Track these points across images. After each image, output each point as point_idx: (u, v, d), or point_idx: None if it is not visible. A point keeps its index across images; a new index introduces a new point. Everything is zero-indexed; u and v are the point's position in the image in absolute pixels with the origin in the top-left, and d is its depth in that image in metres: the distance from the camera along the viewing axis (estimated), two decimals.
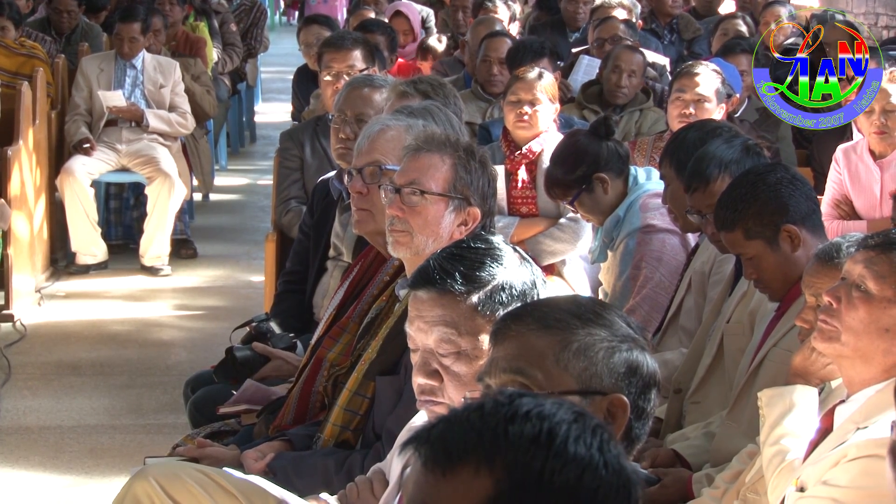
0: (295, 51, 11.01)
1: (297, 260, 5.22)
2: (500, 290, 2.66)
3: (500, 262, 2.69)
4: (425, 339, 2.68)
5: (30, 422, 6.25)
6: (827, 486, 2.93)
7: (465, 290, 2.65)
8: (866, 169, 6.14)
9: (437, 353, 2.67)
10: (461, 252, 2.71)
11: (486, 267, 2.67)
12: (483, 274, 2.67)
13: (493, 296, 2.66)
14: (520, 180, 5.94)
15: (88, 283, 8.60)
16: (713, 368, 4.19)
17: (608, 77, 7.27)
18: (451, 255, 2.70)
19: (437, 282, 2.66)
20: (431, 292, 2.67)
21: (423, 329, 2.68)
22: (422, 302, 2.68)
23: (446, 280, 2.65)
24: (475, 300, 2.65)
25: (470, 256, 2.69)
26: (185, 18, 11.06)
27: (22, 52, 8.76)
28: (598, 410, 2.12)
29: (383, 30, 7.99)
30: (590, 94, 7.40)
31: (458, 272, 2.66)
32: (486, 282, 2.66)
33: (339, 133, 4.97)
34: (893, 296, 2.97)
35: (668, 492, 3.79)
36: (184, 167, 9.12)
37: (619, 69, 7.22)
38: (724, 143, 4.40)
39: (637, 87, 7.29)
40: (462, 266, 2.67)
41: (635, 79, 7.26)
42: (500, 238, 2.79)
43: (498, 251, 2.71)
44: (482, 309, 2.65)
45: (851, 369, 3.06)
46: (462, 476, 1.59)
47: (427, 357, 2.68)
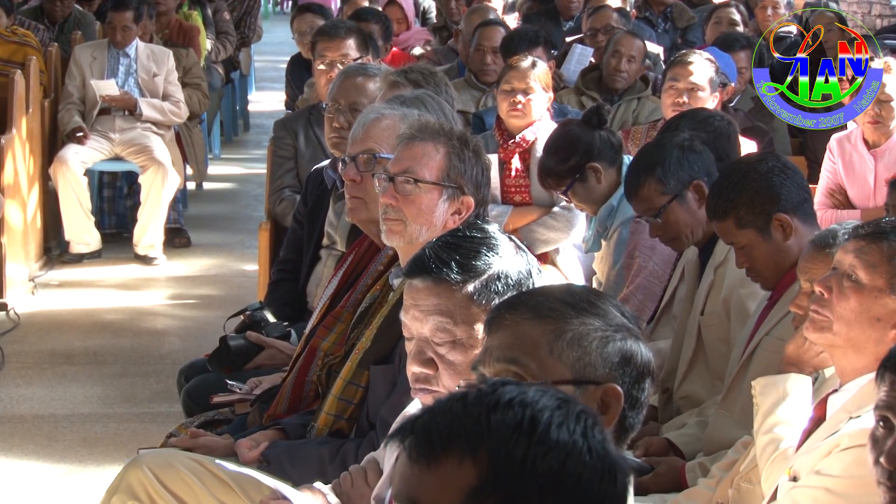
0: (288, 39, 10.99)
1: (290, 249, 5.21)
2: (495, 279, 2.66)
3: (495, 252, 2.69)
4: (420, 327, 2.68)
5: (23, 411, 6.25)
6: (819, 475, 2.93)
7: (461, 279, 2.65)
8: (860, 158, 6.15)
9: (432, 341, 2.67)
10: (457, 241, 2.71)
11: (481, 256, 2.67)
12: (479, 263, 2.67)
13: (488, 285, 2.66)
14: (513, 169, 5.94)
15: (82, 272, 8.59)
16: (694, 361, 4.22)
17: (608, 61, 7.28)
18: (447, 244, 2.70)
19: (432, 270, 2.66)
20: (427, 281, 2.67)
21: (418, 318, 2.68)
22: (417, 290, 2.68)
23: (442, 269, 2.65)
24: (471, 289, 2.65)
25: (466, 245, 2.69)
26: (179, 7, 11.04)
27: (14, 40, 8.74)
28: (592, 400, 2.12)
29: (378, 18, 7.98)
30: (589, 79, 7.39)
31: (453, 261, 2.66)
32: (482, 271, 2.66)
33: (333, 122, 4.97)
34: (884, 285, 2.97)
35: (662, 480, 3.80)
36: (177, 156, 9.11)
37: (618, 53, 7.24)
38: (653, 148, 4.46)
39: (636, 72, 7.30)
40: (458, 255, 2.67)
41: (635, 64, 7.27)
42: (495, 227, 2.79)
43: (494, 240, 2.71)
44: (478, 298, 2.65)
45: (843, 359, 3.06)
46: (446, 466, 1.59)
47: (422, 345, 2.68)
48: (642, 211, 4.40)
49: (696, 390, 4.20)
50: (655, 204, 4.33)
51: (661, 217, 4.32)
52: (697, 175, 4.35)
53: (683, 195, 4.32)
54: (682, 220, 4.32)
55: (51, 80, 8.99)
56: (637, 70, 7.31)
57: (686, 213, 4.32)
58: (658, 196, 4.33)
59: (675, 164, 4.36)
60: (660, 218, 4.32)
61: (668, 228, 4.34)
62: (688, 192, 4.32)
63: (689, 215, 4.32)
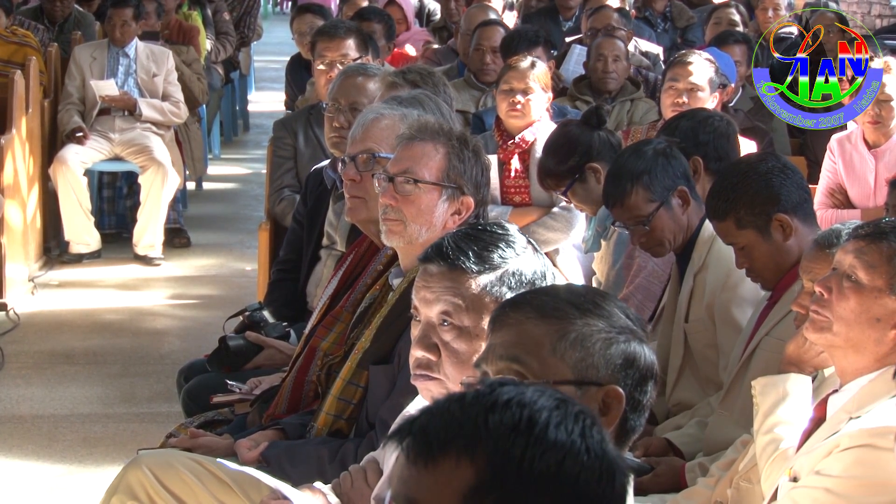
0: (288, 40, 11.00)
1: (290, 249, 5.21)
2: (510, 275, 2.67)
3: (513, 248, 2.70)
4: (429, 310, 2.68)
5: (23, 411, 6.24)
6: (820, 475, 2.93)
7: (476, 270, 2.66)
8: (860, 158, 6.15)
9: (438, 326, 2.67)
10: (477, 233, 2.72)
11: (499, 250, 2.69)
12: (495, 256, 2.68)
13: (502, 279, 2.67)
14: (513, 169, 5.94)
15: (82, 272, 8.59)
16: (683, 369, 4.23)
17: (594, 67, 7.33)
18: (467, 235, 2.72)
19: (449, 257, 2.67)
20: (442, 267, 2.68)
21: (428, 299, 2.68)
22: (431, 275, 2.69)
23: (459, 256, 2.66)
24: (484, 281, 2.66)
25: (485, 238, 2.70)
26: (179, 7, 11.05)
27: (14, 41, 8.74)
28: (594, 401, 2.11)
29: (380, 18, 7.97)
30: (582, 85, 7.43)
31: (471, 251, 2.67)
32: (498, 264, 2.67)
33: (333, 122, 4.97)
34: (884, 285, 2.97)
35: (661, 480, 3.80)
36: (177, 156, 9.11)
37: (603, 57, 7.28)
38: (633, 156, 4.42)
39: (625, 70, 7.32)
40: (476, 246, 2.68)
41: (621, 62, 7.30)
42: (515, 227, 2.80)
43: (513, 238, 2.73)
44: (490, 289, 2.66)
45: (844, 359, 3.06)
46: (444, 467, 1.59)
47: (428, 330, 2.68)
48: (627, 219, 4.34)
49: (687, 397, 4.21)
50: (643, 212, 4.30)
51: (649, 224, 4.29)
52: (679, 181, 4.34)
53: (669, 201, 4.30)
54: (668, 226, 4.30)
55: (50, 81, 8.99)
56: (625, 68, 7.34)
57: (671, 220, 4.31)
58: (646, 204, 4.30)
59: (661, 171, 4.33)
60: (647, 225, 4.29)
61: (653, 235, 4.31)
62: (673, 199, 4.31)
63: (674, 222, 4.31)
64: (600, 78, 7.28)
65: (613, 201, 4.37)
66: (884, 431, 2.84)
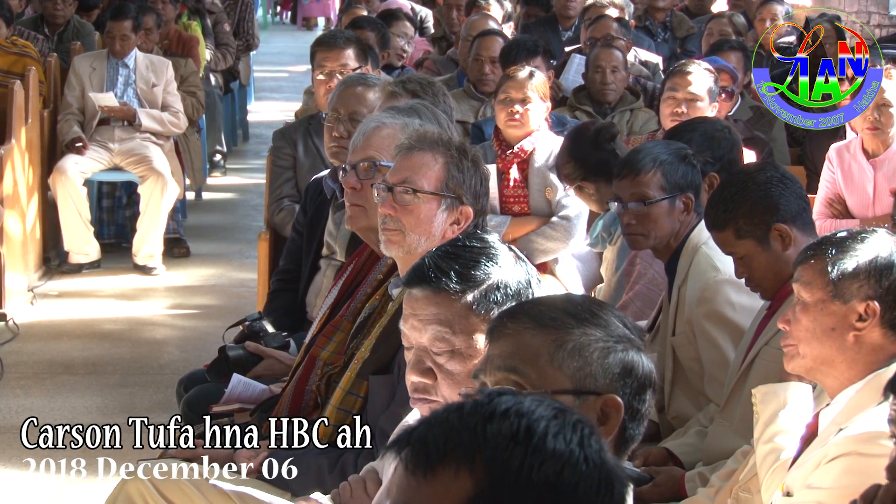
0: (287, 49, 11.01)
1: (290, 258, 5.22)
2: (494, 289, 2.66)
3: (495, 262, 2.69)
4: (419, 337, 2.68)
5: (22, 420, 6.23)
6: (811, 489, 2.94)
7: (460, 289, 2.65)
8: (859, 168, 6.15)
9: (430, 351, 2.67)
10: (456, 251, 2.71)
11: (481, 266, 2.67)
12: (478, 273, 2.67)
13: (487, 295, 2.66)
14: (511, 179, 5.94)
15: (81, 282, 8.59)
16: (675, 381, 4.25)
17: (592, 78, 7.32)
18: (447, 254, 2.70)
19: (431, 280, 2.66)
20: (426, 290, 2.67)
21: (417, 327, 2.68)
22: (416, 300, 2.68)
23: (441, 278, 2.65)
24: (470, 299, 2.65)
25: (465, 255, 2.69)
26: (179, 17, 11.05)
27: (13, 51, 8.75)
28: (592, 411, 2.11)
29: (374, 26, 7.98)
30: (582, 95, 7.43)
31: (453, 271, 2.66)
32: (481, 281, 2.66)
33: (333, 131, 4.97)
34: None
35: (661, 490, 3.80)
36: (176, 166, 9.11)
37: (601, 69, 7.27)
38: (662, 146, 4.45)
39: (623, 80, 7.32)
40: (457, 265, 2.67)
41: (619, 73, 7.29)
42: (495, 237, 2.79)
43: (493, 250, 2.71)
44: (477, 308, 2.65)
45: (823, 378, 3.11)
46: (442, 477, 1.59)
47: (421, 355, 2.68)
48: (630, 195, 4.34)
49: (684, 409, 4.22)
50: (650, 194, 4.31)
51: (647, 208, 4.30)
52: (689, 190, 4.35)
53: (675, 200, 4.32)
54: (661, 220, 4.31)
55: (50, 91, 8.99)
56: (623, 78, 7.33)
57: (667, 216, 4.32)
58: (656, 189, 4.31)
59: (683, 171, 4.35)
60: (645, 208, 4.30)
61: (644, 221, 4.31)
62: (678, 200, 4.32)
63: (669, 219, 4.32)
64: (598, 89, 7.28)
65: (628, 171, 4.37)
66: (869, 437, 2.85)
